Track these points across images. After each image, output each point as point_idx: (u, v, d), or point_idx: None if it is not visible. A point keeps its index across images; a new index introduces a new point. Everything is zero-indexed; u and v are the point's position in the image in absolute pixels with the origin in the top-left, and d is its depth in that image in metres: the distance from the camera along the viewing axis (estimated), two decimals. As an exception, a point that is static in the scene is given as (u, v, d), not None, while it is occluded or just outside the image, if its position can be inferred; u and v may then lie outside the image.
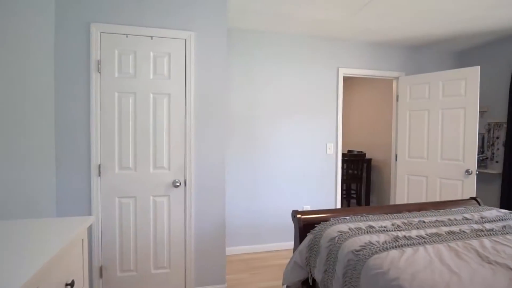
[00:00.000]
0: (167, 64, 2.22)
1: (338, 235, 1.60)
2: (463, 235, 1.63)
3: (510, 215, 2.00)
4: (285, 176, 3.33)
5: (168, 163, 2.24)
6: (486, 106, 3.53)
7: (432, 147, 3.32)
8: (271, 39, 3.24)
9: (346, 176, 4.83)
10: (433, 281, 1.13)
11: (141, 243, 2.21)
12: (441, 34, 3.22)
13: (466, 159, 3.08)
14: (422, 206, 2.19)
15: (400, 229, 1.70)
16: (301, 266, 1.80)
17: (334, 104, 3.45)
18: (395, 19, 2.84)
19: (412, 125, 3.50)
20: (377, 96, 5.00)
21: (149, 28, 2.16)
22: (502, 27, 3.01)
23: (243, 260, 3.08)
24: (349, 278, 1.39)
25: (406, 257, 1.32)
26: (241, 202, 3.23)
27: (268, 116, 3.26)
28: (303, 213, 1.94)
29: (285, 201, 3.35)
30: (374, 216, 1.93)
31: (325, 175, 3.45)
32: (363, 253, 1.39)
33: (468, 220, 1.89)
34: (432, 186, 3.32)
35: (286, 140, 3.32)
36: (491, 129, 3.49)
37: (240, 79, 3.17)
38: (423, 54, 3.76)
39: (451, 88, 3.19)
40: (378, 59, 3.60)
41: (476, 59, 3.69)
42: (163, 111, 2.22)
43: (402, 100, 3.57)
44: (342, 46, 3.46)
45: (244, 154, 3.21)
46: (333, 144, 3.45)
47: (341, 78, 3.44)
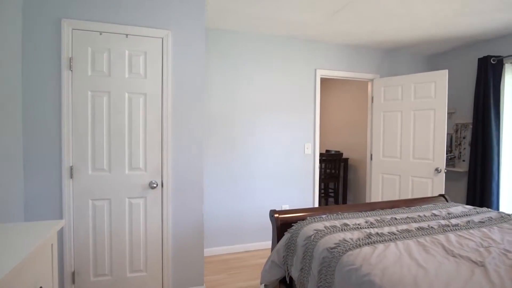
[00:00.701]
0: (143, 63, 2.18)
1: (314, 234, 1.64)
2: (431, 230, 1.71)
3: (474, 210, 2.12)
4: (264, 176, 3.36)
5: (145, 164, 2.20)
6: (454, 107, 3.72)
7: (404, 147, 3.46)
8: (250, 39, 3.25)
9: (324, 175, 4.93)
10: (401, 275, 1.18)
11: (116, 246, 2.15)
12: (413, 38, 3.36)
13: (435, 158, 3.24)
14: (394, 204, 2.28)
15: (373, 226, 1.76)
16: (278, 265, 1.82)
17: (312, 105, 3.51)
18: (369, 23, 2.93)
19: (386, 126, 3.63)
20: (354, 97, 5.14)
21: (124, 26, 2.11)
22: (468, 33, 3.18)
23: (223, 261, 3.08)
24: (324, 275, 1.43)
25: (378, 253, 1.37)
26: (221, 202, 3.22)
27: (247, 116, 3.27)
28: (280, 212, 1.96)
29: (265, 200, 3.37)
30: (349, 214, 1.99)
31: (303, 174, 3.50)
32: (337, 250, 1.43)
33: (436, 216, 1.99)
34: (404, 184, 3.46)
35: (265, 140, 3.34)
36: (459, 129, 3.69)
37: (219, 79, 3.16)
38: (396, 57, 3.91)
39: (422, 90, 3.33)
40: (354, 61, 3.70)
41: (445, 63, 3.88)
42: (139, 110, 2.18)
43: (377, 101, 3.70)
44: (320, 48, 3.53)
45: (223, 154, 3.20)
46: (311, 144, 3.51)
47: (319, 80, 3.51)
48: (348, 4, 2.51)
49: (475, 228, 1.77)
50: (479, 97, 3.30)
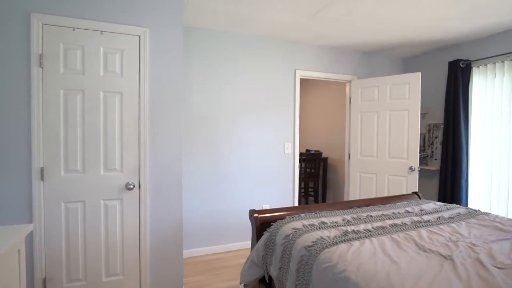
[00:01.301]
0: (119, 61, 2.12)
1: (292, 232, 1.66)
2: (404, 227, 1.78)
3: (444, 207, 2.22)
4: (245, 176, 3.36)
5: (121, 165, 2.14)
6: (427, 108, 3.88)
7: (381, 146, 3.57)
8: (230, 39, 3.24)
9: (304, 174, 5.00)
10: (375, 271, 1.22)
11: (91, 250, 2.08)
12: (389, 41, 3.47)
13: (409, 157, 3.36)
14: (370, 202, 2.35)
15: (350, 224, 1.80)
16: (258, 265, 1.83)
17: (292, 105, 3.55)
18: (347, 26, 3.00)
19: (363, 126, 3.73)
20: (333, 98, 5.24)
21: (99, 22, 2.04)
22: (440, 38, 3.33)
23: (204, 262, 3.05)
24: (302, 273, 1.45)
25: (353, 250, 1.41)
26: (201, 202, 3.19)
27: (227, 116, 3.25)
28: (260, 212, 1.97)
29: (245, 200, 3.38)
30: (327, 212, 2.03)
31: (284, 174, 3.54)
32: (315, 248, 1.45)
33: (409, 213, 2.07)
34: (381, 182, 3.57)
35: (246, 140, 3.35)
36: (431, 129, 3.85)
37: (199, 79, 3.12)
38: (373, 59, 4.02)
39: (397, 91, 3.45)
40: (333, 63, 3.77)
41: (419, 66, 4.04)
42: (115, 110, 2.11)
43: (354, 102, 3.79)
44: (300, 49, 3.57)
45: (204, 154, 3.17)
46: (291, 144, 3.55)
47: (298, 80, 3.56)
48: (327, 6, 2.56)
49: (445, 224, 1.86)
50: (449, 98, 3.46)
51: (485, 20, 2.83)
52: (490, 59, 3.21)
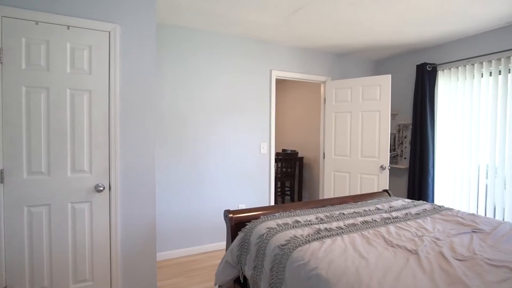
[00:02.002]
0: (87, 58, 2.03)
1: (266, 232, 1.67)
2: (374, 223, 1.84)
3: (411, 203, 2.33)
4: (221, 176, 3.33)
5: (90, 166, 2.05)
6: (397, 109, 4.04)
7: (354, 146, 3.68)
8: (206, 38, 3.20)
9: (281, 174, 5.05)
10: (345, 267, 1.25)
11: (57, 255, 1.98)
12: (361, 44, 3.58)
13: (380, 156, 3.49)
14: (343, 200, 2.41)
15: (323, 222, 1.84)
16: (232, 265, 1.82)
17: (268, 105, 3.57)
18: (321, 28, 3.06)
19: (337, 126, 3.82)
20: (308, 98, 5.33)
21: (65, 17, 1.94)
22: (409, 42, 3.48)
23: (180, 264, 3.00)
24: (275, 271, 1.46)
25: (325, 247, 1.44)
26: (176, 203, 3.13)
27: (203, 116, 3.22)
28: (234, 212, 1.96)
29: (221, 200, 3.35)
30: (301, 211, 2.06)
31: (260, 174, 3.55)
32: (288, 247, 1.47)
33: (379, 210, 2.14)
34: (354, 181, 3.67)
35: (222, 140, 3.32)
36: (401, 129, 4.01)
37: (173, 77, 3.06)
38: (347, 61, 4.13)
39: (368, 93, 3.57)
40: (308, 64, 3.84)
41: (390, 68, 4.20)
42: (83, 108, 2.03)
43: (329, 102, 3.88)
44: (275, 49, 3.60)
45: (178, 154, 3.11)
46: (267, 144, 3.57)
47: (274, 80, 3.58)
48: (301, 8, 2.59)
49: (412, 220, 1.94)
50: (417, 100, 3.62)
51: (450, 27, 3.00)
52: (454, 63, 3.40)
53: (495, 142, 3.02)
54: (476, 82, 3.21)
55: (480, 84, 3.19)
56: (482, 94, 3.17)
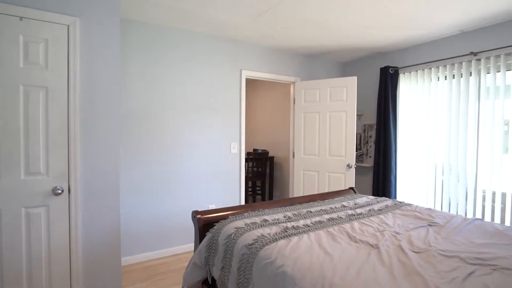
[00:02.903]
0: (43, 52, 1.90)
1: (234, 232, 1.66)
2: (340, 220, 1.90)
3: (375, 200, 2.43)
4: (190, 176, 3.28)
5: (46, 168, 1.92)
6: (362, 110, 4.21)
7: (322, 145, 3.78)
8: (175, 35, 3.13)
9: (252, 173, 5.06)
10: (310, 263, 1.28)
11: (8, 265, 1.83)
12: (329, 46, 3.69)
13: (347, 155, 3.61)
14: (311, 198, 2.46)
15: (290, 220, 1.87)
16: (200, 266, 1.80)
17: (238, 104, 3.56)
18: (290, 29, 3.11)
19: (306, 126, 3.90)
20: (279, 98, 5.40)
21: (17, 7, 1.80)
22: (373, 45, 3.63)
23: (147, 268, 2.90)
24: (243, 271, 1.45)
25: (292, 245, 1.46)
26: (143, 205, 3.02)
27: (171, 115, 3.14)
28: (203, 213, 1.94)
29: (191, 201, 3.30)
30: (270, 210, 2.07)
31: (230, 173, 3.53)
32: (255, 246, 1.47)
33: (345, 207, 2.22)
34: (322, 179, 3.77)
35: (191, 139, 3.27)
36: (366, 129, 4.19)
37: (141, 75, 2.96)
38: (315, 62, 4.23)
39: (336, 94, 3.68)
40: (278, 64, 3.88)
41: (356, 70, 4.36)
42: (39, 106, 1.89)
43: (298, 103, 3.95)
44: (245, 49, 3.60)
45: (145, 154, 3.01)
46: (237, 143, 3.56)
47: (244, 80, 3.58)
48: (271, 8, 2.61)
49: (375, 216, 2.03)
50: (381, 101, 3.80)
51: (411, 32, 3.17)
52: (414, 67, 3.60)
53: (450, 141, 3.25)
54: (434, 85, 3.43)
55: (437, 87, 3.41)
56: (438, 97, 3.39)
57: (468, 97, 3.13)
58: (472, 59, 3.08)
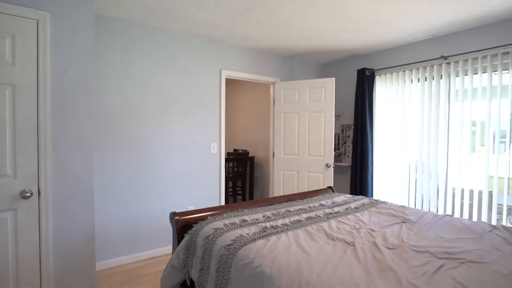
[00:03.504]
0: (10, 48, 1.80)
1: (213, 233, 1.65)
2: (318, 219, 1.93)
3: (352, 198, 2.49)
4: (169, 177, 3.22)
5: (14, 170, 1.83)
6: (340, 110, 4.30)
7: (301, 145, 3.83)
8: (153, 33, 3.06)
9: (232, 174, 5.05)
10: (288, 262, 1.29)
11: (-29, 273, 1.73)
12: (307, 47, 3.74)
13: (326, 155, 3.68)
14: (290, 197, 2.49)
15: (269, 220, 1.88)
16: (178, 269, 1.77)
17: (218, 104, 3.54)
18: (269, 30, 3.12)
19: (286, 126, 3.94)
20: (259, 98, 5.41)
21: (-20, 0, 1.70)
22: (350, 47, 3.72)
23: (125, 271, 2.82)
24: (221, 272, 1.45)
25: (270, 244, 1.47)
26: (121, 208, 2.94)
27: (149, 115, 3.07)
28: (181, 214, 1.91)
29: (170, 203, 3.24)
30: (249, 210, 2.08)
31: (210, 174, 3.50)
32: (234, 246, 1.47)
33: (323, 206, 2.25)
34: (301, 179, 3.82)
35: (170, 140, 3.21)
36: (344, 129, 4.28)
37: (117, 73, 2.87)
38: (294, 63, 4.28)
39: (315, 94, 3.74)
40: (258, 65, 3.89)
41: (334, 71, 4.45)
42: (5, 105, 1.80)
43: (278, 103, 3.98)
44: (225, 49, 3.58)
45: (124, 155, 2.92)
46: (217, 144, 3.54)
47: (224, 80, 3.56)
48: (249, 10, 2.61)
49: (351, 214, 2.08)
50: (358, 102, 3.89)
51: (386, 36, 3.27)
52: (389, 69, 3.72)
53: (423, 141, 3.39)
54: (407, 87, 3.56)
55: (410, 89, 3.54)
56: (412, 98, 3.52)
57: (439, 99, 3.27)
58: (442, 63, 3.22)
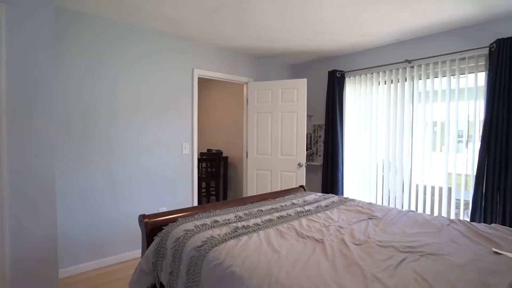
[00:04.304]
0: (-42, 41, 1.66)
1: (183, 234, 1.62)
2: (289, 217, 1.96)
3: (322, 197, 2.55)
4: (139, 179, 3.12)
5: (-37, 173, 1.69)
6: (312, 111, 4.39)
7: (274, 145, 3.86)
8: (121, 30, 2.94)
9: (206, 174, 4.99)
10: (258, 262, 1.30)
11: None
12: (280, 48, 3.78)
13: (298, 154, 3.74)
14: (263, 197, 2.50)
15: (241, 220, 1.88)
16: (147, 273, 1.72)
17: (190, 104, 3.48)
18: (241, 30, 3.12)
19: (259, 126, 3.96)
20: (233, 98, 5.40)
21: None
22: (321, 49, 3.81)
23: (90, 278, 2.69)
24: (191, 274, 1.42)
25: (241, 244, 1.47)
26: (88, 211, 2.80)
27: (118, 114, 2.95)
28: (150, 216, 1.85)
29: (141, 205, 3.14)
30: (221, 211, 2.06)
31: (182, 175, 3.44)
32: (204, 247, 1.45)
33: (294, 205, 2.29)
34: (275, 178, 3.86)
35: (140, 140, 3.11)
36: (316, 129, 4.38)
37: (81, 70, 2.73)
38: (268, 63, 4.31)
39: (287, 95, 3.79)
40: (231, 64, 3.87)
41: (306, 72, 4.54)
42: (-47, 103, 1.65)
43: (251, 103, 3.99)
44: (198, 47, 3.53)
45: (88, 157, 2.79)
46: (189, 144, 3.48)
47: (196, 79, 3.51)
48: (219, 9, 2.60)
49: (321, 212, 2.13)
50: (329, 103, 4.00)
51: (355, 39, 3.38)
52: (358, 71, 3.86)
53: (389, 141, 3.54)
54: (375, 89, 3.71)
55: (377, 91, 3.69)
56: (379, 100, 3.68)
57: (404, 100, 3.44)
58: (407, 66, 3.39)
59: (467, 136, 3.02)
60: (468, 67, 2.95)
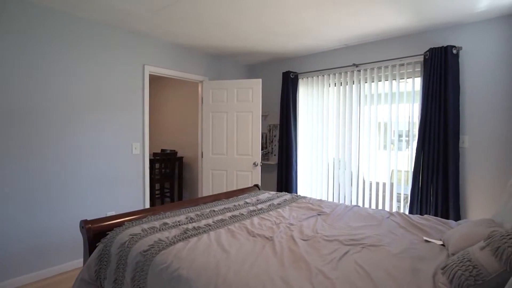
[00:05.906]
0: None
1: (129, 239, 1.54)
2: (241, 217, 1.96)
3: (275, 195, 2.61)
4: (85, 181, 2.89)
5: None
6: (267, 111, 4.46)
7: (230, 145, 3.85)
8: (67, 21, 2.70)
9: (160, 175, 4.81)
10: (206, 263, 1.28)
11: None
12: (234, 48, 3.77)
13: (253, 153, 3.77)
14: (216, 197, 2.48)
15: (192, 221, 1.84)
16: (90, 282, 1.61)
17: (141, 102, 3.32)
18: (194, 27, 3.06)
19: (214, 125, 3.92)
20: (187, 97, 5.27)
21: None
22: (276, 50, 3.88)
23: (27, 292, 2.44)
24: (137, 281, 1.36)
25: (190, 246, 1.44)
26: (25, 219, 2.52)
27: (61, 112, 2.71)
28: (93, 222, 1.73)
29: (87, 209, 2.91)
30: (172, 212, 2.00)
31: (132, 176, 3.27)
32: (151, 252, 1.40)
33: (247, 204, 2.30)
34: (230, 178, 3.85)
35: (85, 140, 2.88)
36: (271, 129, 4.46)
37: (19, 63, 2.45)
38: (223, 63, 4.28)
39: (242, 95, 3.80)
40: (185, 62, 3.78)
41: (261, 73, 4.59)
42: None
43: (206, 102, 3.93)
44: (149, 43, 3.38)
45: (26, 158, 2.51)
46: (140, 144, 3.32)
47: (147, 76, 3.36)
48: (170, 5, 2.51)
49: (273, 210, 2.17)
50: (283, 103, 4.09)
51: (307, 42, 3.50)
52: (310, 73, 4.00)
53: (339, 140, 3.73)
54: (326, 90, 3.88)
55: (328, 93, 3.87)
56: (330, 101, 3.85)
57: (352, 102, 3.65)
58: (354, 70, 3.60)
59: (407, 136, 3.30)
60: (407, 73, 3.23)
